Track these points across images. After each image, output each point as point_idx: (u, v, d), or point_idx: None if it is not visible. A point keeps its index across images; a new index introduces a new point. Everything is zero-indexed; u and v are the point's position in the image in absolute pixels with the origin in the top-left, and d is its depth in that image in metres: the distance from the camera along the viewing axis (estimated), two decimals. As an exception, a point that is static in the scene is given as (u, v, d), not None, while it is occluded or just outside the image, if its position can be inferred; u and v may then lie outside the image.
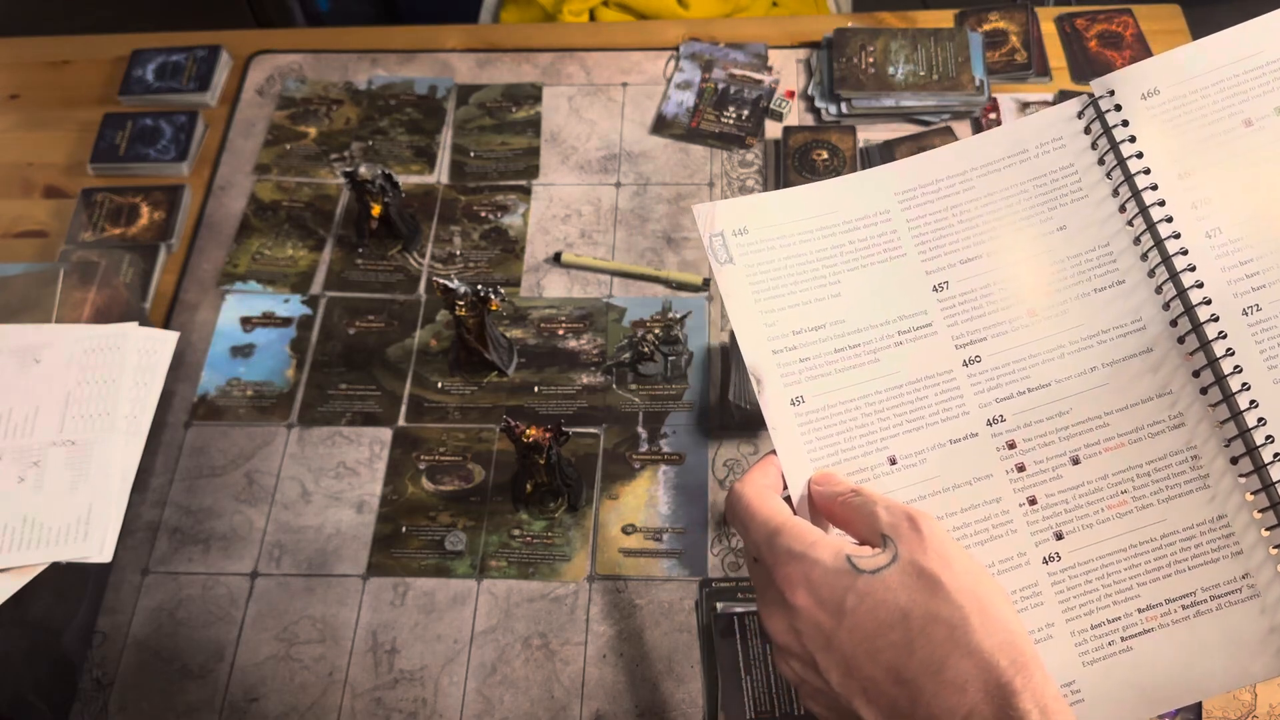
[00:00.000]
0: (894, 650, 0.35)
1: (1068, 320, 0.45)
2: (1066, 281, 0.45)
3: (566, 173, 0.92)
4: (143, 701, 0.68)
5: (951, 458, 0.44)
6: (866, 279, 0.46)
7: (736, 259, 0.46)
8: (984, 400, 0.44)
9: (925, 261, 0.46)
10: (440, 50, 1.01)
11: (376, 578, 0.72)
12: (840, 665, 0.36)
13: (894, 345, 0.45)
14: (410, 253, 0.88)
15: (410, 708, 0.67)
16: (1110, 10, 0.98)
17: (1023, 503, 0.44)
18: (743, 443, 0.77)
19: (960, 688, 0.34)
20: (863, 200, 0.47)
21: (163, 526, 0.75)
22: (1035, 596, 0.43)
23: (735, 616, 0.68)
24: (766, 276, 0.46)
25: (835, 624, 0.36)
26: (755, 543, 0.40)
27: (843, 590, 0.36)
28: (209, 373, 0.82)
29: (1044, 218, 0.46)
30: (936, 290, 0.46)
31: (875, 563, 0.37)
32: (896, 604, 0.36)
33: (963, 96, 0.90)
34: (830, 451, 0.44)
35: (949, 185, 0.47)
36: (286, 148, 0.95)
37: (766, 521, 0.40)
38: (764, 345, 0.45)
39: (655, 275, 0.85)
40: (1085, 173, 0.46)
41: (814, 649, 0.37)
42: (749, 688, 0.66)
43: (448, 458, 0.77)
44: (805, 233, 0.46)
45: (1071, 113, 0.47)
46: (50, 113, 0.99)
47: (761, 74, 0.96)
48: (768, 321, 0.46)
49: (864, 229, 0.47)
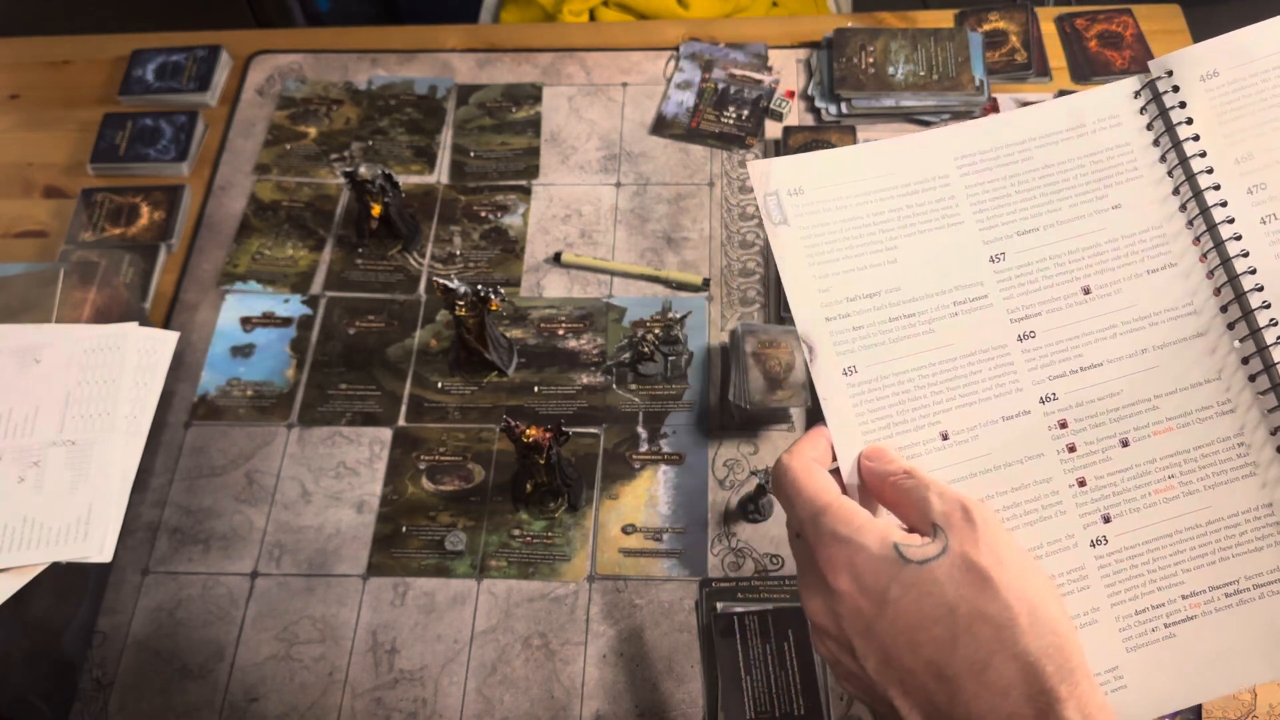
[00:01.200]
0: (936, 645, 0.34)
1: (1120, 300, 0.44)
2: (1120, 261, 0.44)
3: (566, 173, 0.92)
4: (143, 702, 0.68)
5: (1004, 435, 0.43)
6: (924, 246, 0.45)
7: (791, 220, 0.45)
8: (1037, 377, 0.44)
9: (983, 231, 0.45)
10: (440, 50, 1.01)
11: (376, 578, 0.72)
12: (878, 654, 0.35)
13: (949, 316, 0.44)
14: (410, 253, 0.88)
15: (410, 708, 0.67)
16: (1110, 10, 0.98)
17: (1072, 484, 0.43)
18: (743, 443, 0.77)
19: (1003, 691, 0.33)
20: (922, 163, 0.46)
21: (163, 526, 0.75)
22: (1082, 580, 0.42)
23: (735, 616, 0.68)
24: (822, 239, 0.45)
25: (876, 612, 0.35)
26: (800, 519, 0.39)
27: (887, 579, 0.35)
28: (209, 373, 0.82)
29: (1099, 195, 0.45)
30: (994, 261, 0.45)
31: (924, 553, 0.35)
32: (943, 598, 0.34)
33: (963, 96, 0.90)
34: (882, 424, 0.43)
35: (1008, 154, 0.46)
36: (286, 148, 0.95)
37: (813, 499, 0.38)
38: (817, 312, 0.44)
39: (655, 275, 0.85)
40: (1140, 152, 0.45)
41: (852, 634, 0.36)
42: (749, 688, 0.66)
43: (448, 458, 0.77)
44: (863, 194, 0.45)
45: (1128, 91, 0.46)
46: (50, 113, 0.99)
47: (761, 74, 0.96)
48: (822, 287, 0.44)
49: (922, 193, 0.45)
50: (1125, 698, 0.41)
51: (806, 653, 0.67)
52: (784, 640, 0.67)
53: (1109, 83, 0.47)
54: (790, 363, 0.75)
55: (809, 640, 0.67)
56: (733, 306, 0.83)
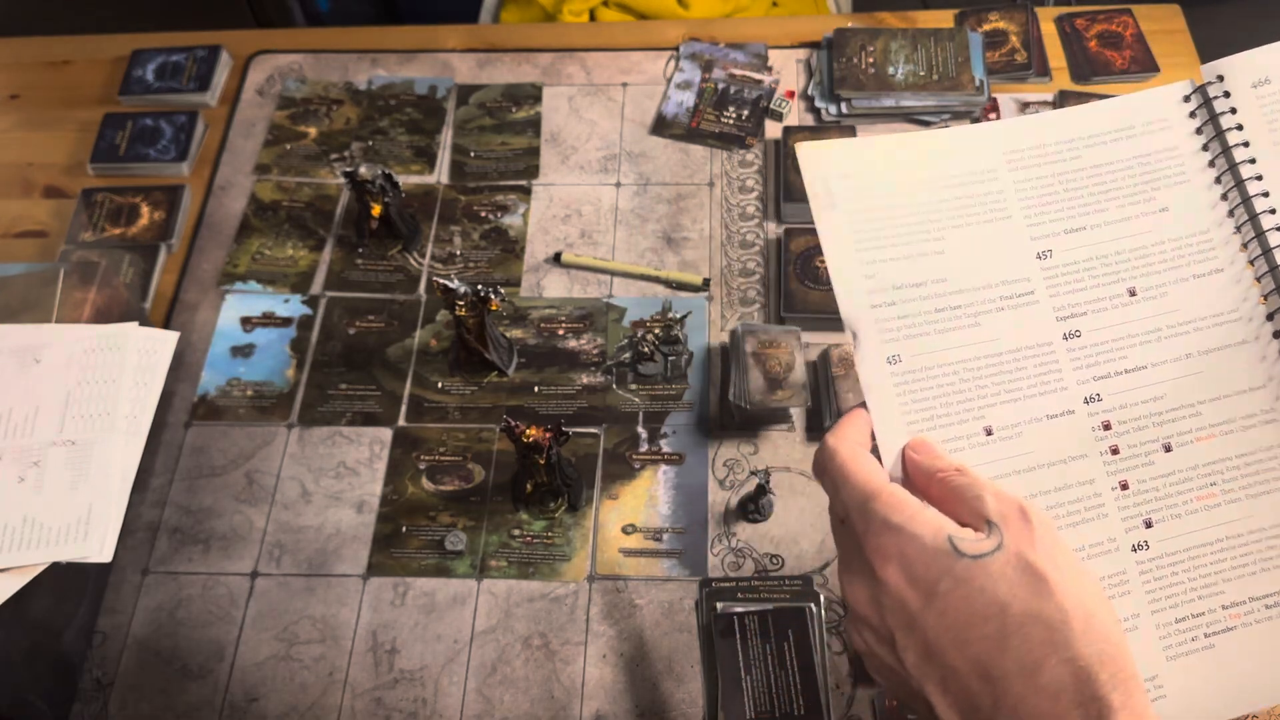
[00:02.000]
0: (985, 644, 0.33)
1: (1166, 303, 0.44)
2: (1167, 264, 0.44)
3: (566, 173, 0.92)
4: (143, 702, 0.68)
5: (1047, 434, 0.43)
6: (971, 238, 0.45)
7: (840, 204, 0.45)
8: (1082, 377, 0.43)
9: (1031, 227, 0.45)
10: (440, 50, 1.01)
11: (376, 578, 0.72)
12: (920, 648, 0.34)
13: (995, 310, 0.44)
14: (410, 253, 0.88)
15: (410, 708, 0.67)
16: (1110, 10, 0.98)
17: (1115, 486, 0.42)
18: (743, 443, 0.77)
19: (1053, 694, 0.32)
20: (971, 155, 0.46)
21: (163, 526, 0.75)
22: (1123, 585, 0.42)
23: (735, 616, 0.68)
24: (870, 226, 0.45)
25: (924, 605, 0.34)
26: (846, 505, 0.38)
27: (939, 572, 0.34)
28: (209, 373, 0.82)
29: (1147, 197, 0.45)
30: (1040, 258, 0.44)
31: (979, 548, 0.34)
32: (995, 595, 0.33)
33: (963, 96, 0.90)
34: (925, 416, 0.43)
35: (1056, 151, 0.45)
36: (287, 148, 0.95)
37: (863, 484, 0.37)
38: (863, 298, 0.44)
39: (655, 275, 0.85)
40: (1189, 157, 0.45)
41: (895, 626, 0.35)
42: (749, 688, 0.66)
43: (448, 458, 0.77)
44: (913, 183, 0.45)
45: (1178, 96, 0.46)
46: (50, 113, 0.99)
47: (761, 74, 0.96)
48: (868, 273, 0.44)
49: (971, 185, 0.45)
50: (1164, 708, 0.41)
51: (806, 653, 0.67)
52: (784, 640, 0.67)
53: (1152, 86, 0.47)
54: (790, 363, 0.75)
55: (809, 640, 0.67)
56: (733, 306, 0.83)
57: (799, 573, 0.71)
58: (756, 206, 0.89)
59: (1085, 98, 0.91)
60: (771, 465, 0.75)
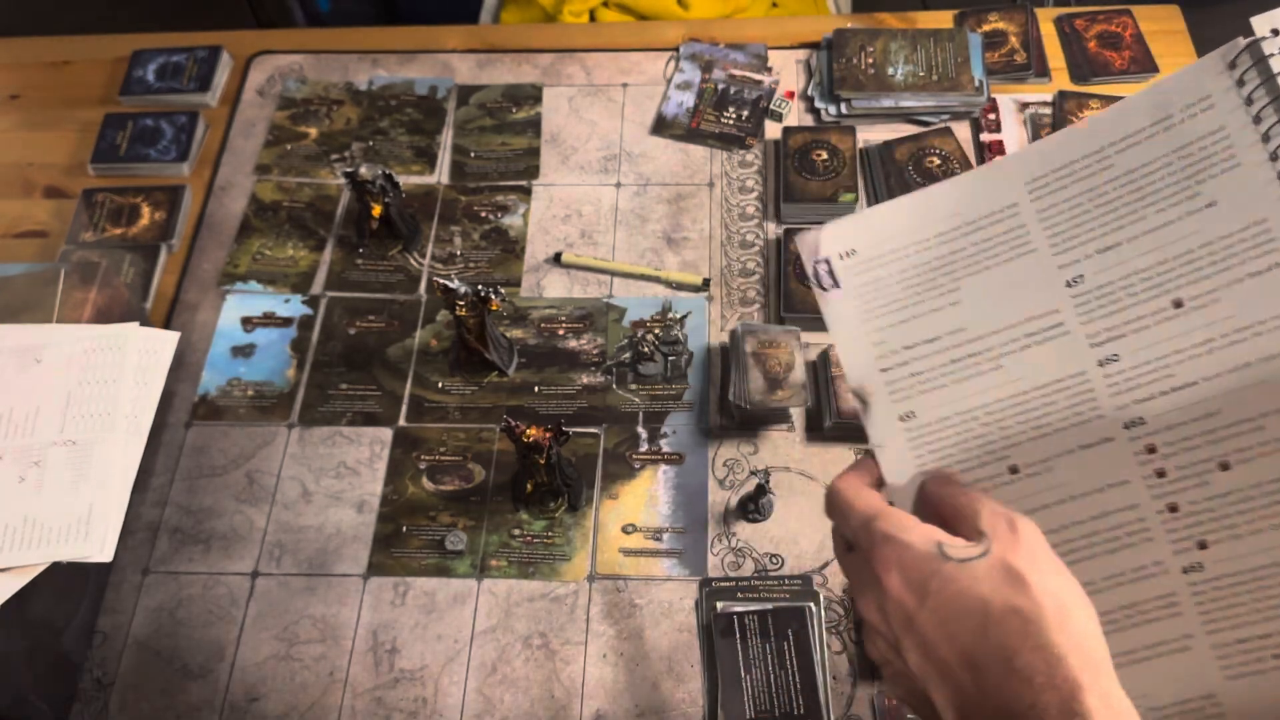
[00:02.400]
0: (969, 635, 0.36)
1: (1219, 310, 0.40)
2: (1216, 266, 0.40)
3: (567, 173, 0.92)
4: (143, 701, 0.69)
5: (1082, 464, 0.41)
6: (990, 281, 0.42)
7: (844, 283, 0.43)
8: (1121, 402, 0.41)
9: (1058, 255, 0.42)
10: (440, 51, 1.01)
11: (377, 577, 0.72)
12: (919, 647, 0.37)
13: (1019, 350, 0.42)
14: (411, 253, 0.88)
15: (411, 707, 0.68)
16: (1109, 11, 0.98)
17: (1161, 509, 0.41)
18: (742, 443, 0.77)
19: (1027, 679, 0.34)
20: (988, 197, 0.42)
21: (163, 526, 0.75)
22: (1172, 606, 0.40)
23: (735, 616, 0.68)
24: (878, 296, 0.43)
25: (918, 605, 0.37)
26: (854, 529, 0.41)
27: (929, 573, 0.37)
28: (209, 373, 0.82)
29: (1191, 194, 0.40)
30: (1070, 285, 0.41)
31: (965, 553, 0.37)
32: (978, 593, 0.36)
33: (962, 97, 0.90)
34: (942, 462, 0.42)
35: (1084, 167, 0.41)
36: (287, 148, 0.95)
37: (866, 509, 0.41)
38: (871, 365, 0.43)
39: (655, 275, 0.85)
40: (1238, 135, 0.39)
41: (898, 629, 0.38)
42: (749, 687, 0.66)
43: (448, 457, 0.77)
44: (921, 242, 0.43)
45: (1222, 63, 0.39)
46: (51, 113, 1.00)
47: (761, 74, 0.97)
48: (876, 340, 0.43)
49: (988, 228, 0.42)
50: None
51: (806, 652, 0.67)
52: (784, 640, 0.67)
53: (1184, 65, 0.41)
54: (790, 363, 0.75)
55: (808, 639, 0.67)
56: (733, 306, 0.83)
57: (799, 572, 0.71)
58: (756, 207, 0.89)
59: (1084, 98, 0.92)
60: (771, 465, 0.75)
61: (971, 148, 0.90)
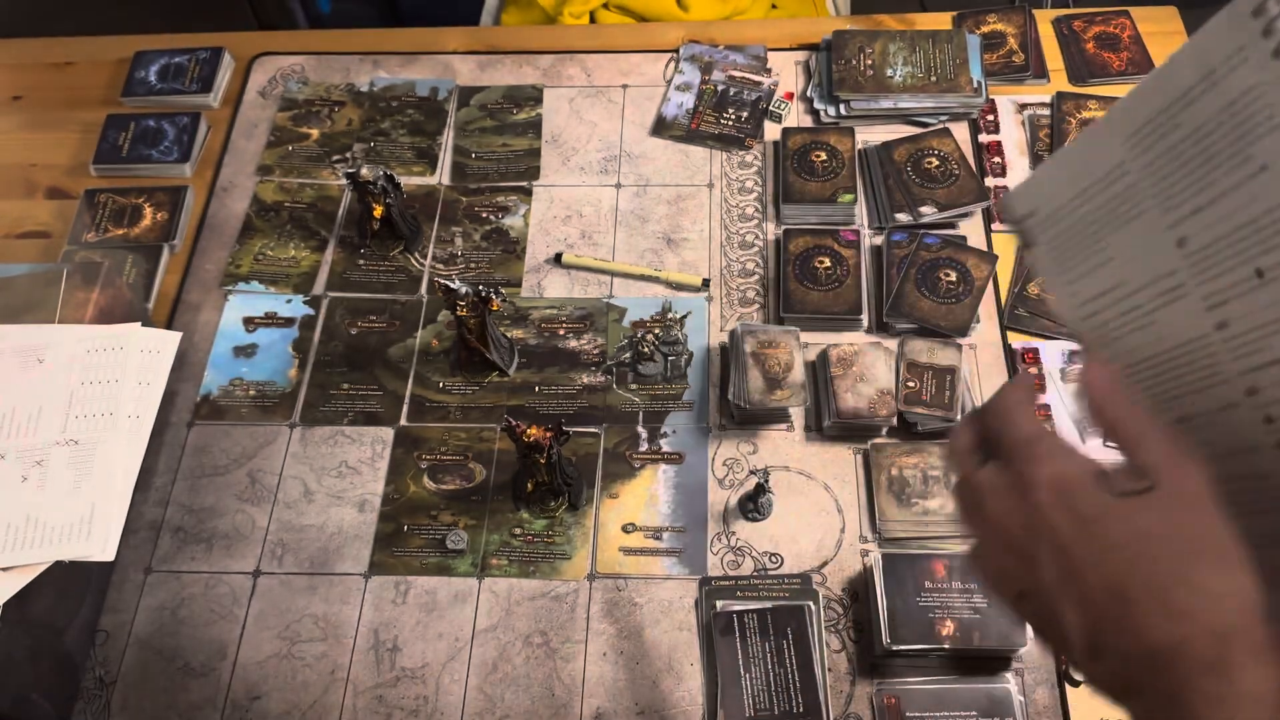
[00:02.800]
0: (1122, 566, 0.36)
1: None
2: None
3: (567, 174, 0.92)
4: (145, 700, 0.69)
5: (1214, 428, 0.41)
6: (1126, 239, 0.43)
7: (1037, 241, 0.46)
8: (1241, 368, 0.40)
9: (1164, 214, 0.41)
10: (441, 52, 1.02)
11: (378, 576, 0.73)
12: (1063, 569, 0.37)
13: (1163, 307, 0.42)
14: (412, 253, 0.88)
15: (412, 705, 0.68)
16: (1107, 12, 0.98)
17: None
18: (742, 442, 0.77)
19: (1180, 614, 0.34)
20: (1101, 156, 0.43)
21: (165, 525, 0.75)
22: None
23: (735, 615, 0.69)
24: (1056, 252, 0.45)
25: (1072, 528, 0.37)
26: (1012, 442, 0.41)
27: (1089, 499, 0.37)
28: (211, 373, 0.82)
29: (1244, 156, 0.37)
30: (1180, 246, 0.41)
31: (1130, 486, 0.37)
32: (1136, 526, 0.36)
33: (960, 98, 0.91)
34: None
35: (1162, 124, 0.40)
36: (289, 149, 0.95)
37: (1030, 425, 0.41)
38: (1075, 314, 0.45)
39: (655, 275, 0.85)
40: (1273, 89, 0.35)
41: (1041, 546, 0.38)
42: (748, 685, 0.66)
43: (449, 457, 0.77)
44: (1071, 200, 0.44)
45: (1248, 7, 0.35)
46: (53, 114, 1.00)
47: (760, 76, 0.97)
48: (1069, 293, 0.45)
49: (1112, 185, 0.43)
50: None
51: (805, 651, 0.67)
52: (783, 638, 0.68)
53: None
54: (789, 363, 0.75)
55: (807, 638, 0.67)
56: (732, 306, 0.84)
57: (798, 571, 0.71)
58: (756, 207, 0.89)
59: (1082, 99, 0.92)
60: (771, 464, 0.76)
61: (970, 149, 0.90)
